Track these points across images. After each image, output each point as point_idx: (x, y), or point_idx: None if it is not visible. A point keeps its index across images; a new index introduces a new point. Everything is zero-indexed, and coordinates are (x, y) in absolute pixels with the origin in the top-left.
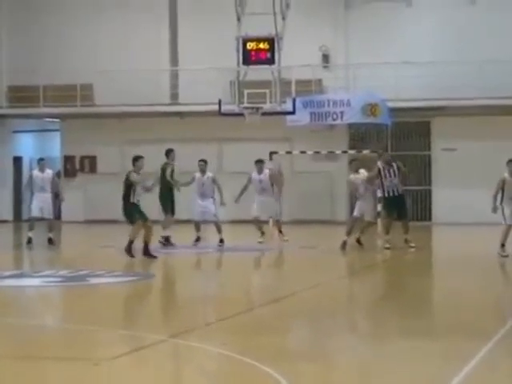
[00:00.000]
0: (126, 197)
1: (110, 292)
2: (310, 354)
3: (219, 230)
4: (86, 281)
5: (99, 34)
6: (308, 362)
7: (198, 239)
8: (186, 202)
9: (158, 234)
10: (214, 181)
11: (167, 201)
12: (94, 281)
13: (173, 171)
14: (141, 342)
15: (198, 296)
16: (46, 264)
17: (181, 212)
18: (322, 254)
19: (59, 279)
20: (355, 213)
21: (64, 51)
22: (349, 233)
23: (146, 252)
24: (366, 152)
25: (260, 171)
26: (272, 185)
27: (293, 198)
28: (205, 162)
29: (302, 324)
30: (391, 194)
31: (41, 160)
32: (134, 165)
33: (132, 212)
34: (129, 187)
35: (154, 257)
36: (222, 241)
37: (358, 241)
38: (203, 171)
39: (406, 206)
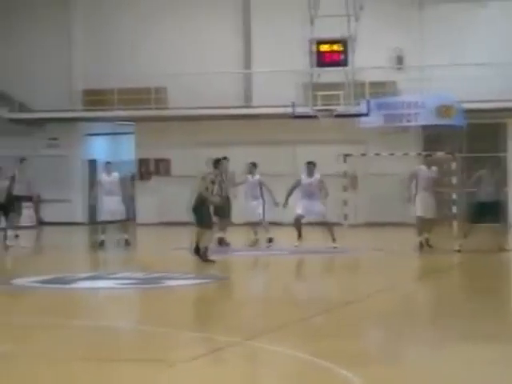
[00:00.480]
0: (203, 199)
1: (184, 294)
2: (386, 357)
3: (266, 230)
4: (160, 283)
5: (173, 38)
6: (384, 365)
7: (270, 240)
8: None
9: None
10: (260, 183)
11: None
12: (168, 283)
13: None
14: (215, 344)
15: (271, 298)
16: (120, 266)
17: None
18: (396, 256)
19: (134, 281)
20: (418, 213)
21: (138, 54)
22: (420, 233)
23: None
24: (440, 154)
25: (310, 174)
26: (321, 190)
27: (367, 201)
28: (254, 164)
29: (376, 327)
30: (483, 200)
31: (107, 163)
32: (215, 167)
33: (209, 215)
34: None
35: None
36: (270, 240)
37: (427, 243)
38: (252, 173)
39: (502, 211)
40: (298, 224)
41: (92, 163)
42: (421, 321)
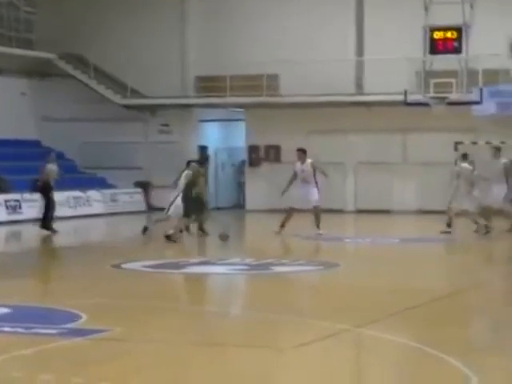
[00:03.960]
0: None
1: (293, 281)
2: (496, 347)
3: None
4: (270, 269)
5: (285, 25)
6: (495, 355)
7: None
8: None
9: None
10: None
11: None
12: (278, 269)
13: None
14: (324, 331)
15: (382, 286)
16: (231, 252)
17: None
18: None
19: (244, 267)
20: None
21: (250, 42)
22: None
23: None
24: None
25: (302, 161)
26: (314, 175)
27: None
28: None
29: (486, 316)
30: None
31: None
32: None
33: None
34: None
35: None
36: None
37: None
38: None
39: None
40: (288, 215)
41: (202, 149)
42: None
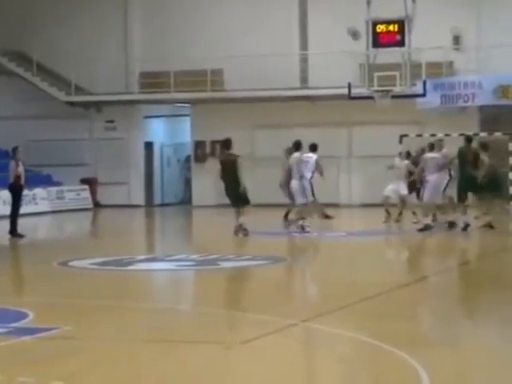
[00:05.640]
0: None
1: (240, 276)
2: (444, 339)
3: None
4: (216, 265)
5: (229, 19)
6: (443, 348)
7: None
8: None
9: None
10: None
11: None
12: (224, 265)
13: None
14: (272, 326)
15: (329, 280)
16: (177, 248)
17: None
18: (453, 237)
19: (191, 263)
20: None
21: (194, 37)
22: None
23: None
24: (497, 134)
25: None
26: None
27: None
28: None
29: (433, 309)
30: None
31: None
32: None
33: None
34: None
35: None
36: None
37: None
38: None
39: None
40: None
41: (148, 145)
42: (480, 303)
